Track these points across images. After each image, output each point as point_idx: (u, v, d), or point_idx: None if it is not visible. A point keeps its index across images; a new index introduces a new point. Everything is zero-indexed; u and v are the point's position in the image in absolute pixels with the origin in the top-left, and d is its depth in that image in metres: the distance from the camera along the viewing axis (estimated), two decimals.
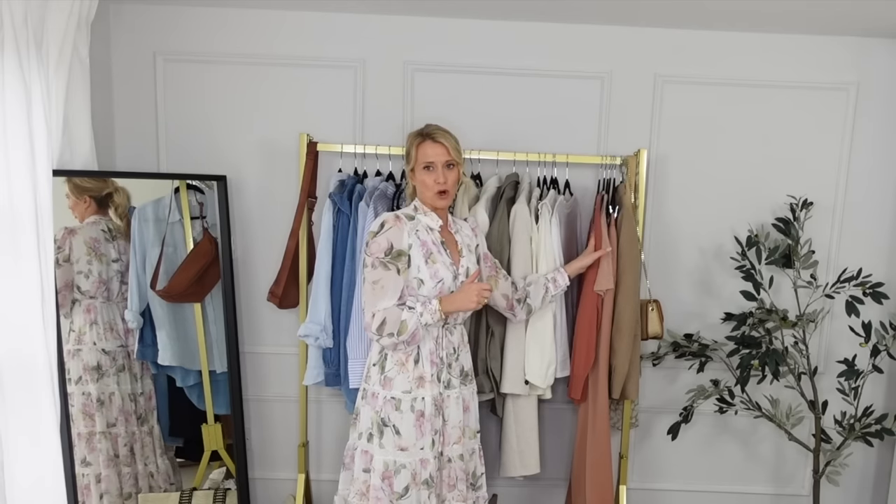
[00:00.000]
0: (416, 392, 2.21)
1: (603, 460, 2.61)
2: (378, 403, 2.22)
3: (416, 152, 2.23)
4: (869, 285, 2.67)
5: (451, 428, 2.28)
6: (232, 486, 2.87)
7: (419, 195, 2.28)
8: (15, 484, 2.27)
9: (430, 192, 2.22)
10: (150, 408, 2.79)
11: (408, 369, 2.21)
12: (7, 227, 2.19)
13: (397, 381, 2.21)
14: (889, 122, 2.88)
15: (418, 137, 2.25)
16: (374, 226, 2.20)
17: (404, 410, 2.20)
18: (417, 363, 2.22)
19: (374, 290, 2.14)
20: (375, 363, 2.26)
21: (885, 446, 3.04)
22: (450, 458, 2.29)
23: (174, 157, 2.88)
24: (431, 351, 2.23)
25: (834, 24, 2.69)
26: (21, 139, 2.18)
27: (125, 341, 2.73)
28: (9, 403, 2.24)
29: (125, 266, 2.70)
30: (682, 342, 2.86)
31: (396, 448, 2.20)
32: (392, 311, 2.13)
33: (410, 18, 2.82)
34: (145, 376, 2.78)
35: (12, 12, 2.14)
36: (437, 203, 2.24)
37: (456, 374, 2.29)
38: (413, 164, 2.25)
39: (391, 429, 2.20)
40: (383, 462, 2.20)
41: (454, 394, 2.28)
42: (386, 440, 2.20)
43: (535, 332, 2.58)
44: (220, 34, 2.82)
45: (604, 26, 2.82)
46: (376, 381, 2.24)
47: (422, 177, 2.23)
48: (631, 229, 2.59)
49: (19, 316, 2.23)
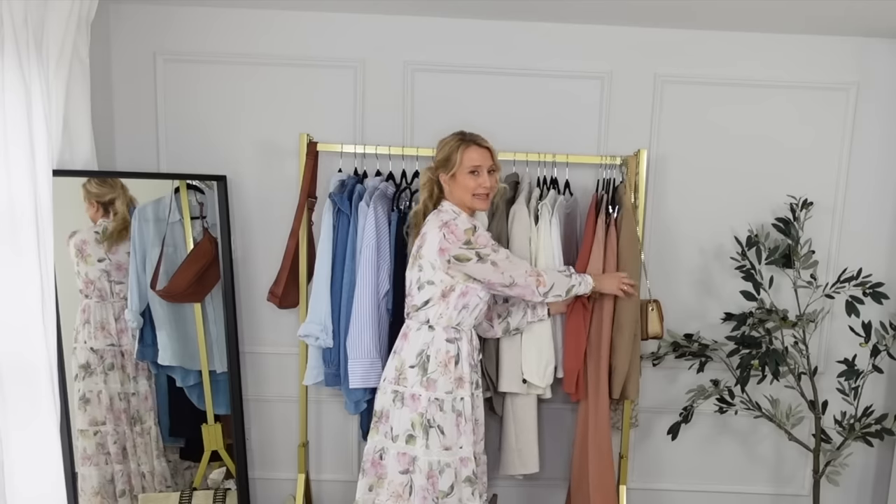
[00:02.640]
0: (457, 392, 2.27)
1: (605, 460, 2.61)
2: (421, 405, 2.25)
3: (462, 156, 2.28)
4: (869, 285, 2.67)
5: (480, 426, 2.40)
6: (232, 486, 2.87)
7: (456, 199, 2.32)
8: (15, 485, 2.27)
9: (471, 195, 2.28)
10: (146, 408, 2.78)
11: (450, 370, 2.26)
12: (7, 227, 2.19)
13: (441, 383, 2.26)
14: (889, 122, 2.88)
15: (461, 142, 2.30)
16: (460, 225, 2.24)
17: (447, 411, 2.26)
18: (458, 364, 2.28)
19: (511, 262, 2.26)
20: (414, 365, 2.27)
21: (885, 446, 3.04)
22: (477, 455, 2.38)
23: (174, 157, 2.88)
24: (468, 352, 2.31)
25: (834, 24, 2.69)
26: (21, 139, 2.18)
27: (117, 340, 2.72)
28: (9, 404, 2.24)
29: (113, 266, 2.69)
30: (682, 342, 2.86)
31: (442, 448, 2.25)
32: (555, 275, 2.32)
33: (410, 18, 2.82)
34: (140, 377, 2.77)
35: (12, 12, 2.14)
36: (480, 206, 2.32)
37: (479, 375, 2.42)
38: (456, 168, 2.28)
39: (436, 430, 2.25)
40: (428, 462, 2.25)
41: (479, 393, 2.40)
42: (432, 441, 2.25)
43: (533, 331, 2.58)
44: (220, 34, 2.82)
45: (604, 26, 2.82)
46: (416, 382, 2.26)
47: (465, 181, 2.28)
48: (631, 229, 2.59)
49: (19, 316, 2.23)
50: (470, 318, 2.31)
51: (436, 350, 2.26)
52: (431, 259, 2.25)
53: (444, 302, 2.26)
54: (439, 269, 2.24)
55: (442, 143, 2.34)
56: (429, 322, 2.28)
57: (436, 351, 2.26)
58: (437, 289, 2.26)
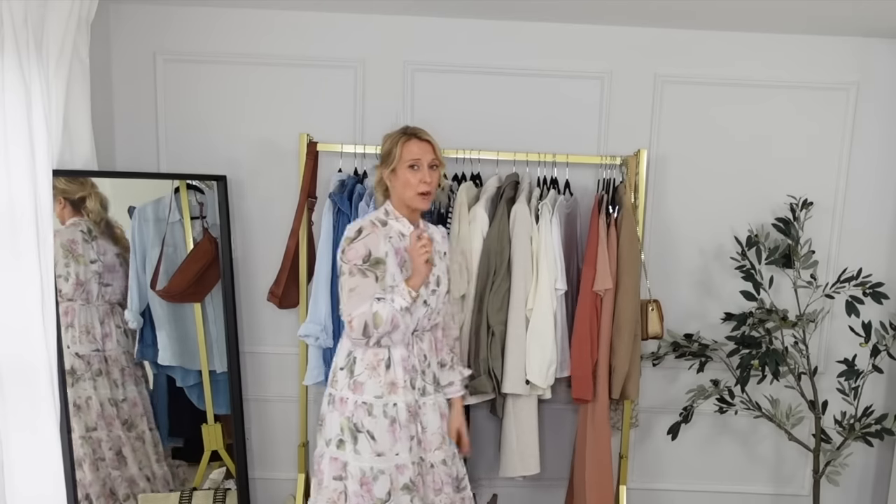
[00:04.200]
0: (388, 398, 2.16)
1: (603, 460, 2.61)
2: (348, 408, 2.16)
3: (401, 150, 2.15)
4: (869, 285, 2.67)
5: (430, 434, 2.25)
6: (232, 486, 2.87)
7: (396, 198, 2.20)
8: (15, 485, 2.27)
9: (413, 192, 2.15)
10: (138, 413, 2.73)
11: (379, 374, 2.15)
12: (7, 227, 2.19)
13: (368, 386, 2.15)
14: (889, 122, 2.88)
15: (402, 136, 2.18)
16: (350, 231, 2.12)
17: (377, 416, 2.15)
18: (389, 368, 2.16)
19: (350, 297, 2.08)
20: (343, 367, 2.19)
21: (885, 446, 3.04)
22: (433, 464, 2.26)
23: (174, 157, 2.87)
24: (403, 357, 2.18)
25: (834, 24, 2.69)
26: (21, 139, 2.19)
27: (102, 346, 2.66)
28: (9, 405, 2.24)
29: (104, 267, 2.65)
30: (682, 342, 2.86)
31: (373, 454, 2.14)
32: (368, 313, 2.06)
33: (410, 18, 2.82)
34: (128, 383, 2.72)
35: (12, 12, 2.14)
36: (420, 205, 2.18)
37: (430, 381, 2.26)
38: (395, 163, 2.15)
39: (365, 434, 2.14)
40: (360, 469, 2.15)
41: (430, 401, 2.25)
42: (361, 446, 2.15)
43: (536, 331, 2.58)
44: (220, 34, 2.82)
45: (604, 26, 2.82)
46: (344, 385, 2.17)
47: (406, 176, 2.14)
48: (631, 229, 2.59)
49: (19, 316, 2.23)
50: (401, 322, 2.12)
51: (362, 352, 2.16)
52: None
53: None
54: None
55: (385, 138, 2.23)
56: None
57: (362, 353, 2.16)
58: None
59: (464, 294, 2.59)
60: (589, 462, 2.63)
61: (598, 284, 2.53)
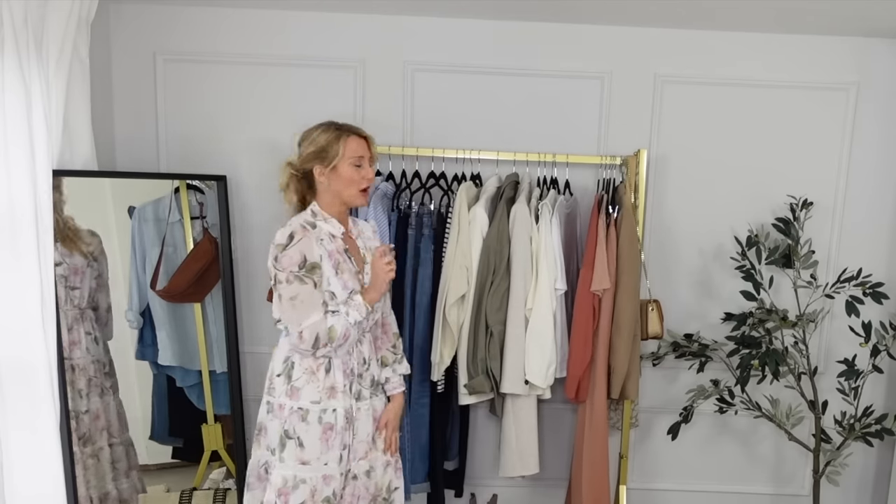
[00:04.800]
0: (327, 403, 2.06)
1: (600, 459, 2.61)
2: (284, 415, 2.07)
3: (343, 147, 2.05)
4: (869, 285, 2.67)
5: (358, 443, 2.14)
6: (232, 486, 2.87)
7: (330, 196, 2.10)
8: (14, 485, 2.27)
9: (355, 188, 2.08)
10: (99, 427, 2.60)
11: (318, 378, 2.06)
12: (7, 227, 2.19)
13: (305, 392, 2.05)
14: (889, 122, 2.88)
15: (339, 132, 2.07)
16: (281, 238, 2.01)
17: (311, 422, 2.05)
18: (329, 372, 2.07)
19: (293, 306, 1.98)
20: (280, 374, 2.10)
21: (885, 446, 3.04)
22: (355, 475, 2.16)
23: (174, 157, 2.88)
24: (344, 361, 2.09)
25: (834, 24, 2.69)
26: (21, 139, 2.19)
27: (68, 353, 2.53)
28: (9, 405, 2.24)
29: (69, 270, 2.51)
30: (682, 342, 2.86)
31: (297, 462, 2.04)
32: (320, 325, 1.98)
33: (410, 18, 2.82)
34: (92, 394, 2.59)
35: (12, 12, 2.14)
36: (361, 201, 2.12)
37: (367, 385, 2.17)
38: (336, 160, 2.05)
39: (294, 441, 2.05)
40: (282, 477, 2.05)
41: (364, 406, 2.15)
42: (287, 453, 2.05)
43: (535, 332, 2.58)
44: (220, 34, 2.82)
45: (604, 26, 2.82)
46: (282, 392, 2.08)
47: (349, 173, 2.06)
48: (631, 229, 2.59)
49: (19, 317, 2.23)
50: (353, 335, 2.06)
51: (300, 357, 2.07)
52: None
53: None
54: None
55: (313, 134, 2.10)
56: None
57: (300, 357, 2.07)
58: None
59: (463, 294, 2.59)
60: (585, 462, 2.63)
61: (595, 284, 2.53)
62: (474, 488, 3.04)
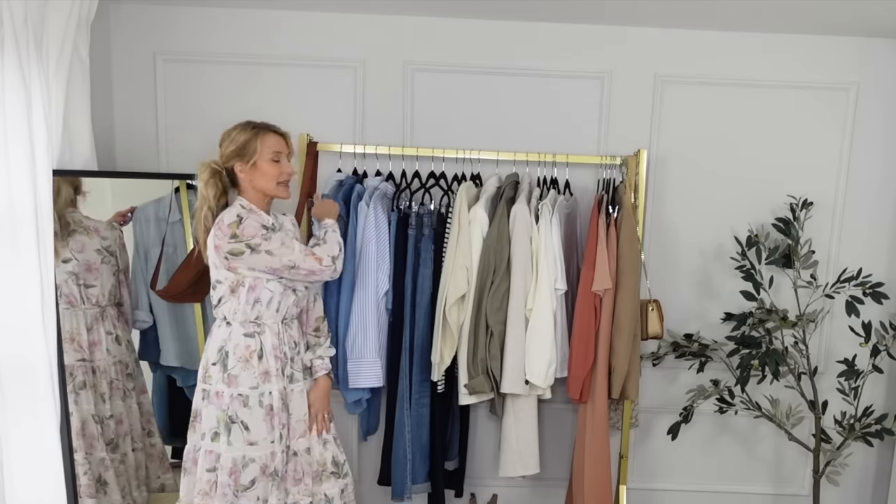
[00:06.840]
0: (263, 387, 2.21)
1: (601, 459, 2.61)
2: (224, 402, 2.19)
3: (260, 144, 2.19)
4: (869, 285, 2.67)
5: (295, 422, 2.30)
6: None
7: (253, 191, 2.22)
8: (14, 485, 2.27)
9: (275, 182, 2.21)
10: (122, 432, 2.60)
11: (252, 365, 2.20)
12: (7, 227, 2.19)
13: (242, 378, 2.19)
14: (889, 122, 2.88)
15: (256, 129, 2.21)
16: (230, 217, 2.14)
17: (253, 406, 2.19)
18: (262, 359, 2.21)
19: (285, 245, 2.17)
20: (215, 362, 2.22)
21: (885, 446, 3.04)
22: (296, 452, 2.30)
23: (174, 157, 2.88)
24: (274, 346, 2.23)
25: (834, 24, 2.69)
26: (21, 139, 2.19)
27: (89, 355, 2.52)
28: (9, 404, 2.24)
29: (81, 266, 2.50)
30: (682, 342, 2.86)
31: (245, 443, 2.19)
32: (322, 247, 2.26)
33: (410, 18, 2.82)
34: (115, 397, 2.58)
35: (12, 12, 2.14)
36: (284, 194, 2.24)
37: (298, 369, 2.32)
38: (255, 156, 2.18)
39: (239, 425, 2.18)
40: (231, 459, 2.18)
41: (298, 387, 2.31)
42: (234, 437, 2.18)
43: (536, 331, 2.58)
44: (220, 34, 2.82)
45: (604, 26, 2.82)
46: (219, 379, 2.20)
47: (268, 169, 2.19)
48: (631, 229, 2.59)
49: (19, 316, 2.23)
50: (268, 311, 2.22)
51: (234, 345, 2.20)
52: (213, 258, 2.19)
53: (234, 297, 2.19)
54: (221, 267, 2.18)
55: (232, 134, 2.22)
56: (226, 318, 2.22)
57: (234, 346, 2.20)
58: (224, 286, 2.19)
59: (464, 294, 2.59)
60: (587, 461, 2.63)
61: (597, 284, 2.53)
62: (474, 488, 3.04)
